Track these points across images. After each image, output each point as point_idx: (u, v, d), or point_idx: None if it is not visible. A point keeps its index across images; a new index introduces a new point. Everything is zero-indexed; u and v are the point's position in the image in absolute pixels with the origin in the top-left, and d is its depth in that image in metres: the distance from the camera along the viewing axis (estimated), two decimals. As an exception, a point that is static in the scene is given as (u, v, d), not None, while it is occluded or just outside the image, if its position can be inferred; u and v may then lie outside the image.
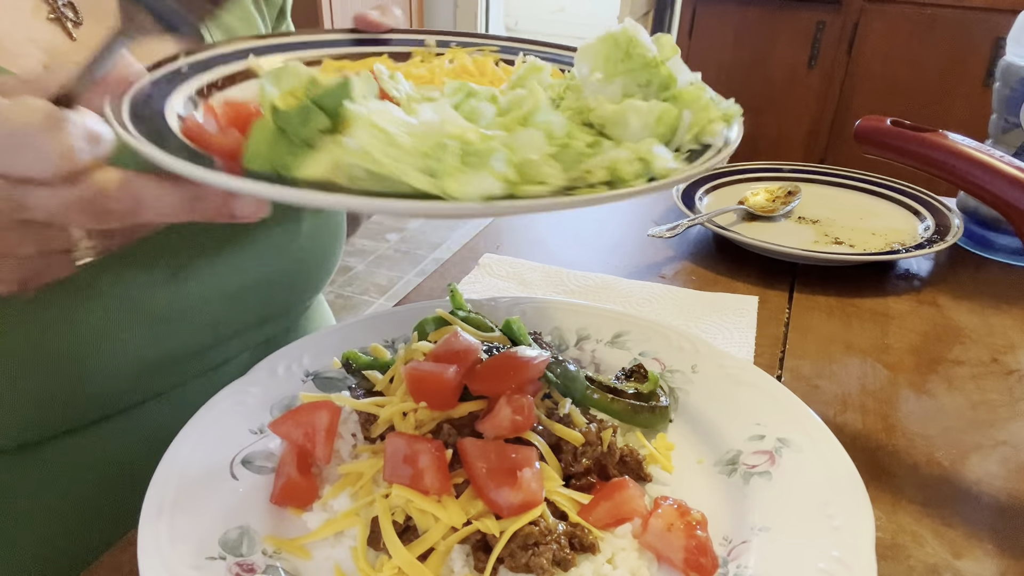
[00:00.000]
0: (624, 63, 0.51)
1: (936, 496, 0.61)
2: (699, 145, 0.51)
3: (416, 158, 0.43)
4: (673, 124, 0.49)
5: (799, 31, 3.13)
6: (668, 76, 0.51)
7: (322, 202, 0.43)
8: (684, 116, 0.50)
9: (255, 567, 0.49)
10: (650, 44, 0.52)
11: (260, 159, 0.46)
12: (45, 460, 0.67)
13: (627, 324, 0.74)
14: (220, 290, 0.72)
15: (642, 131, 0.49)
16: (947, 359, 0.80)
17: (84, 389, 0.65)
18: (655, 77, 0.51)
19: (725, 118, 0.52)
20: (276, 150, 0.46)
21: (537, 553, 0.49)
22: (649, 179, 0.46)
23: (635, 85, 0.52)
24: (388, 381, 0.63)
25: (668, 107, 0.49)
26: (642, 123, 0.49)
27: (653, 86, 0.51)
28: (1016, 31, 0.96)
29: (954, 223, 1.01)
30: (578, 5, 5.30)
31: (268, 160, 0.46)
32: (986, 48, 2.85)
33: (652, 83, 0.51)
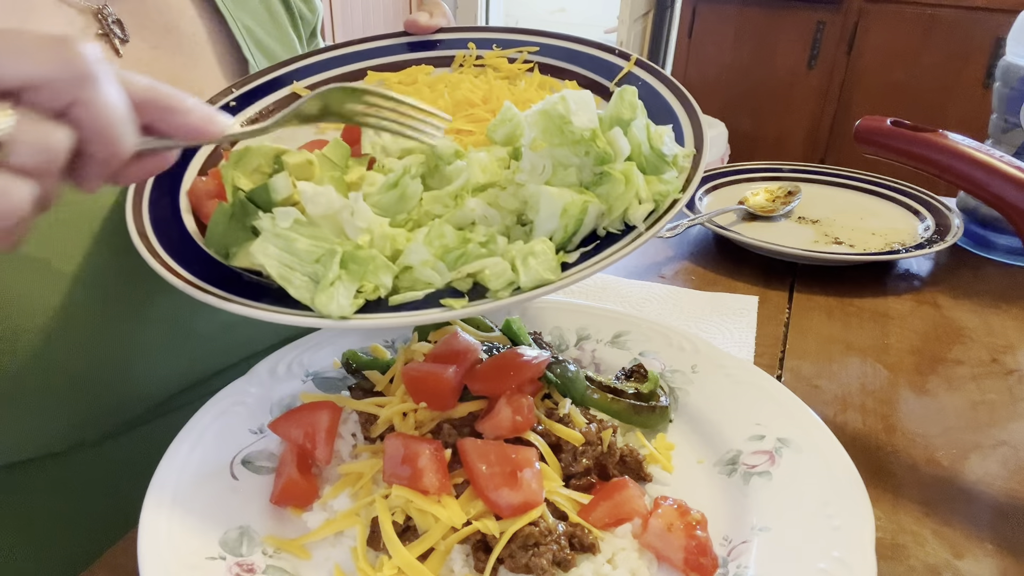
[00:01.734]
0: (558, 137, 0.51)
1: (936, 496, 0.61)
2: (621, 228, 0.51)
3: (307, 264, 0.49)
4: (579, 216, 0.50)
5: (799, 31, 3.13)
6: (605, 153, 0.51)
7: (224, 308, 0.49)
8: (590, 210, 0.50)
9: (255, 567, 0.49)
10: (587, 116, 0.51)
11: (215, 240, 0.53)
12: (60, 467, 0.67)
13: (627, 324, 0.74)
14: None
15: (549, 219, 0.50)
16: (947, 359, 0.80)
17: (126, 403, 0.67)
18: (592, 151, 0.51)
19: (658, 197, 0.51)
20: (229, 234, 0.53)
21: (537, 553, 0.49)
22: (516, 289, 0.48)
23: (573, 156, 0.51)
24: (388, 381, 0.63)
25: (575, 199, 0.50)
26: (550, 211, 0.50)
27: (590, 157, 0.51)
28: (1016, 31, 0.96)
29: (954, 223, 1.01)
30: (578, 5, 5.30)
31: (220, 241, 0.53)
32: (986, 48, 2.84)
33: (589, 155, 0.51)
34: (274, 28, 0.82)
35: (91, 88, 0.38)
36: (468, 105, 0.67)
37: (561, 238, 0.50)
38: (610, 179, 0.50)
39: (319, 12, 0.91)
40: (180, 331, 0.67)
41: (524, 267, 0.48)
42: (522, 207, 0.52)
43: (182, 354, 0.69)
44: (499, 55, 0.73)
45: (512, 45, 0.74)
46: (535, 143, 0.52)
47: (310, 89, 0.71)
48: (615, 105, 0.53)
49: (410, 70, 0.72)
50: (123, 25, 0.69)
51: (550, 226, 0.50)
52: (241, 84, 0.70)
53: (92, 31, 0.67)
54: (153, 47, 0.71)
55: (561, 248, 0.51)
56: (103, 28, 0.67)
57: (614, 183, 0.50)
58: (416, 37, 0.75)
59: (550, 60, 0.73)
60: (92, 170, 0.42)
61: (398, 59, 0.74)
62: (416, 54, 0.74)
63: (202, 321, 0.69)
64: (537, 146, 0.52)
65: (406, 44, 0.74)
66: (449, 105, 0.66)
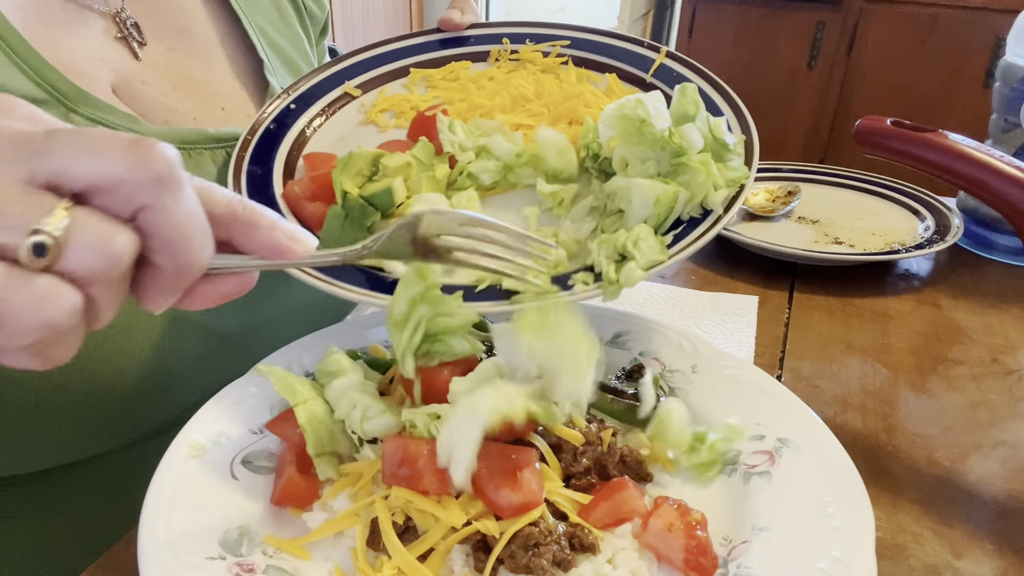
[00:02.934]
0: (637, 136, 0.57)
1: (936, 496, 0.61)
2: (700, 212, 0.57)
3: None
4: (670, 204, 0.56)
5: (799, 31, 3.13)
6: (678, 146, 0.56)
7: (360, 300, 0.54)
8: (680, 197, 0.56)
9: (255, 567, 0.49)
10: (662, 117, 0.57)
11: (332, 241, 0.57)
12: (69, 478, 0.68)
13: (627, 324, 0.74)
14: (278, 311, 0.74)
15: (643, 208, 0.56)
16: (947, 359, 0.80)
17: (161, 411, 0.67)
18: (666, 147, 0.57)
19: (730, 183, 0.57)
20: (344, 234, 0.56)
21: (537, 554, 0.49)
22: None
23: (650, 152, 0.57)
24: (388, 381, 0.63)
25: (667, 189, 0.55)
26: (643, 201, 0.56)
27: (666, 153, 0.57)
28: (1016, 31, 0.96)
29: (954, 223, 1.01)
30: (578, 5, 5.29)
31: (337, 242, 0.56)
32: (986, 48, 2.84)
33: (665, 150, 0.57)
34: (284, 27, 0.83)
35: (167, 192, 0.34)
36: (524, 100, 0.71)
37: (654, 224, 0.56)
38: (688, 169, 0.56)
39: (327, 10, 0.92)
40: (213, 336, 0.68)
41: (638, 251, 0.54)
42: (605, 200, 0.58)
43: (214, 359, 0.69)
44: (533, 49, 0.77)
45: (544, 39, 0.78)
46: (613, 142, 0.58)
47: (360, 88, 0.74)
48: (679, 102, 0.58)
49: (451, 66, 0.76)
50: (140, 29, 0.69)
51: (644, 214, 0.56)
52: (294, 87, 0.73)
53: (112, 34, 0.67)
54: (169, 49, 0.72)
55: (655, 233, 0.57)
56: (122, 31, 0.68)
57: (693, 173, 0.56)
58: (449, 34, 0.78)
59: (583, 53, 0.77)
60: (159, 285, 0.37)
61: (436, 55, 0.77)
62: (450, 50, 0.78)
63: (231, 325, 0.69)
64: (629, 142, 0.57)
65: (438, 41, 0.78)
66: (507, 102, 0.70)
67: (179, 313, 0.64)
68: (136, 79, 0.68)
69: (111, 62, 0.66)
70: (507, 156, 0.61)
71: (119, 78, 0.67)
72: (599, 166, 0.60)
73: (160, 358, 0.64)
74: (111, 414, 0.63)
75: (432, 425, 0.54)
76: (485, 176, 0.61)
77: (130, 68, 0.68)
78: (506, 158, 0.61)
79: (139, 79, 0.68)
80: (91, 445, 0.65)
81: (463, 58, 0.77)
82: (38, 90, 0.58)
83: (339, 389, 0.57)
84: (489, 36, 0.78)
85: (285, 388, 0.58)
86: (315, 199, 0.59)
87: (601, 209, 0.59)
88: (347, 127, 0.70)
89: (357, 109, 0.73)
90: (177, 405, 0.68)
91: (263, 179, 0.63)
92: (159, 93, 0.69)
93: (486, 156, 0.62)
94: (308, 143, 0.69)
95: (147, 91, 0.68)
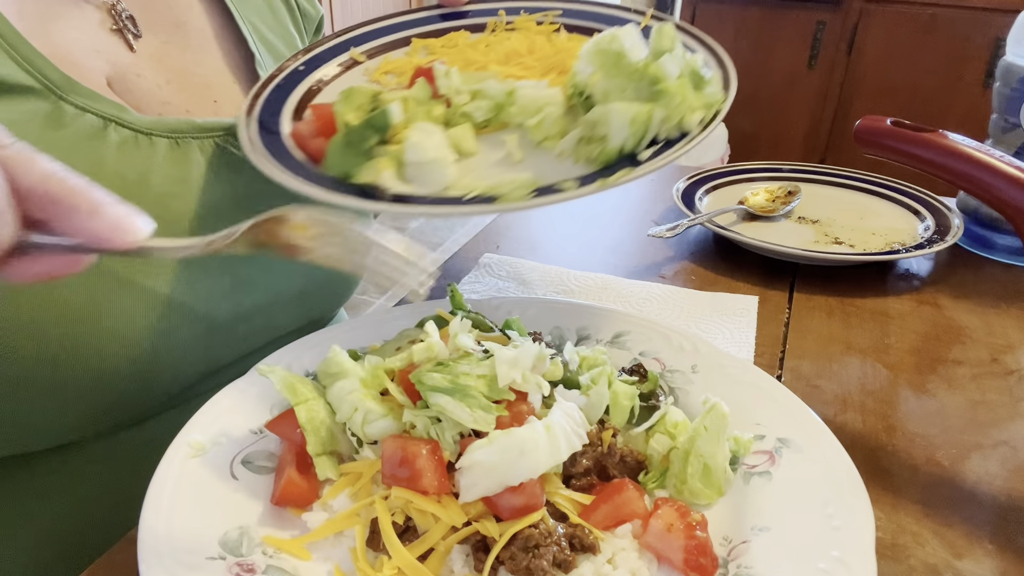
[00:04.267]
0: (615, 68, 0.60)
1: (936, 496, 0.61)
2: (678, 133, 0.60)
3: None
4: (646, 122, 0.58)
5: (799, 31, 3.14)
6: (655, 74, 0.59)
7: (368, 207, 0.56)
8: (656, 115, 0.58)
9: (255, 567, 0.49)
10: (638, 50, 0.61)
11: (334, 166, 0.60)
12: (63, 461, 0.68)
13: (627, 324, 0.74)
14: (268, 298, 0.74)
15: (621, 129, 0.58)
16: (947, 359, 0.80)
17: (139, 392, 0.67)
18: (644, 76, 0.59)
19: (707, 106, 0.60)
20: (346, 159, 0.60)
21: (538, 555, 0.49)
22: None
23: (628, 83, 0.60)
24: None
25: (642, 108, 0.58)
26: (621, 122, 0.58)
27: (644, 83, 0.59)
28: (1016, 31, 0.96)
29: (954, 223, 1.01)
30: (578, 5, 5.29)
31: (338, 167, 0.60)
32: (986, 48, 2.85)
33: (643, 80, 0.59)
34: (276, 24, 0.84)
35: None
36: (517, 55, 0.75)
37: (632, 144, 0.59)
38: (665, 94, 0.58)
39: (321, 12, 0.93)
40: (200, 321, 0.68)
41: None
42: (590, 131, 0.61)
43: (202, 345, 0.69)
44: (528, 19, 0.81)
45: (538, 11, 0.82)
46: (594, 77, 0.61)
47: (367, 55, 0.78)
48: (656, 39, 0.61)
49: (450, 35, 0.80)
50: (135, 21, 0.70)
51: (623, 135, 0.58)
52: (303, 52, 0.77)
53: (107, 26, 0.68)
54: (163, 42, 0.72)
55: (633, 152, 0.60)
56: (117, 23, 0.68)
57: (670, 97, 0.58)
58: (448, 9, 0.82)
59: (575, 21, 0.81)
60: None
61: (437, 27, 0.82)
62: (451, 23, 0.82)
63: (220, 310, 0.69)
64: (608, 75, 0.60)
65: (439, 15, 0.82)
66: (500, 56, 0.75)
67: (166, 298, 0.64)
68: (131, 71, 0.68)
69: (106, 54, 0.67)
70: (499, 95, 0.65)
71: (114, 70, 0.67)
72: (585, 103, 0.63)
73: (147, 342, 0.64)
74: (97, 397, 0.63)
75: (432, 427, 0.54)
76: (478, 113, 0.65)
77: (125, 60, 0.68)
78: (497, 97, 0.65)
79: (134, 71, 0.68)
80: (69, 429, 0.65)
81: (462, 29, 0.82)
82: (28, 78, 0.58)
83: (341, 392, 0.57)
84: (487, 10, 0.83)
85: (286, 388, 0.58)
86: (319, 135, 0.63)
87: (587, 140, 0.62)
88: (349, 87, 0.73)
89: (362, 73, 0.76)
90: (163, 391, 0.68)
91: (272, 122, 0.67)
92: (153, 86, 0.70)
93: (480, 98, 0.66)
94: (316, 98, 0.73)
95: (142, 84, 0.69)
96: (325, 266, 0.47)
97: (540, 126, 0.63)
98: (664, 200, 1.21)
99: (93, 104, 0.61)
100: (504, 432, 0.51)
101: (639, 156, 0.58)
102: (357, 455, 0.57)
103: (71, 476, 0.68)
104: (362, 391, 0.57)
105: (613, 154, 0.59)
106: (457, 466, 0.52)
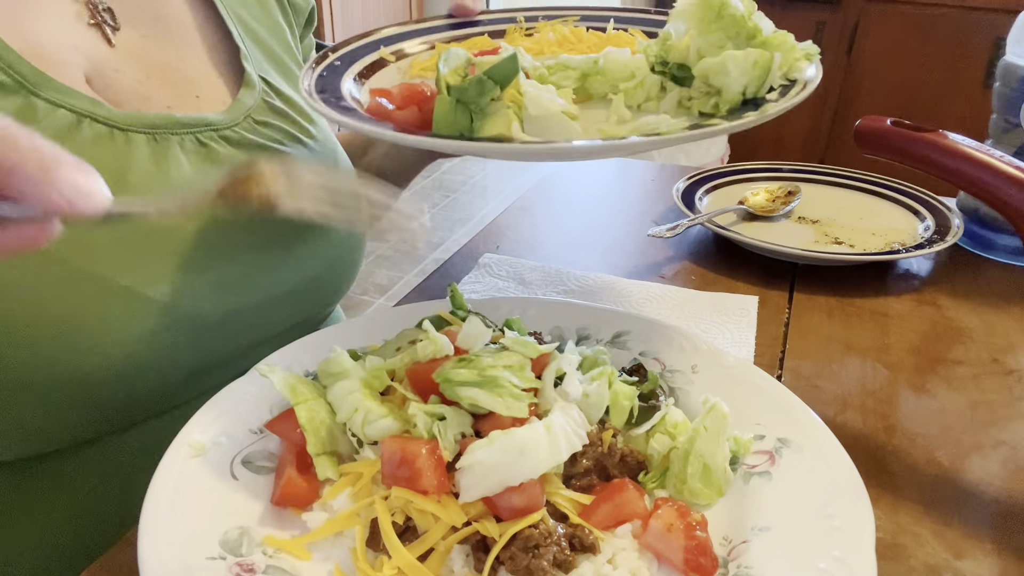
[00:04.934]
0: (716, 22, 0.60)
1: (936, 496, 0.61)
2: (788, 81, 0.59)
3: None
4: (767, 66, 0.58)
5: (799, 31, 3.13)
6: (754, 27, 0.59)
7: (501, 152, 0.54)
8: (775, 58, 0.58)
9: (255, 567, 0.49)
10: (738, 2, 0.60)
11: (447, 126, 0.57)
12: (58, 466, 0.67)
13: (627, 324, 0.74)
14: (258, 296, 0.73)
15: (741, 75, 0.58)
16: (947, 359, 0.80)
17: (126, 397, 0.66)
18: (743, 30, 0.59)
19: (807, 56, 0.60)
20: (458, 118, 0.57)
21: (538, 555, 0.49)
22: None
23: (726, 38, 0.60)
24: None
25: (761, 52, 0.58)
26: (740, 69, 0.57)
27: (742, 37, 0.59)
28: (1016, 31, 0.96)
29: (954, 223, 1.01)
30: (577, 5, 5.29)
31: (453, 126, 0.57)
32: (986, 48, 2.85)
33: (740, 35, 0.59)
34: (263, 15, 0.82)
35: None
36: (568, 42, 0.75)
37: (755, 89, 0.58)
38: (770, 45, 0.58)
39: (311, 2, 0.91)
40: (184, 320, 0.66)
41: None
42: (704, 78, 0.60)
43: (185, 343, 0.68)
44: (547, 25, 0.80)
45: (556, 18, 0.82)
46: (686, 38, 0.61)
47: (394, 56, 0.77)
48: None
49: (473, 40, 0.79)
50: (114, 14, 0.68)
51: (743, 81, 0.58)
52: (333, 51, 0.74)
53: (84, 20, 0.66)
54: (143, 36, 0.70)
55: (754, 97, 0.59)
56: (95, 17, 0.66)
57: (774, 47, 0.58)
58: (460, 19, 0.81)
59: (596, 24, 0.80)
60: None
61: (454, 35, 0.80)
62: (466, 30, 0.81)
63: (205, 306, 0.68)
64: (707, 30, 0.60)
65: (450, 25, 0.81)
66: (535, 44, 0.75)
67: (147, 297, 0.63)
68: (109, 67, 0.67)
69: (84, 49, 0.65)
70: (585, 65, 0.64)
71: (92, 66, 0.65)
72: (669, 71, 0.63)
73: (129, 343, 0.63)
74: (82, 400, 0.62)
75: (434, 425, 0.54)
76: (565, 82, 0.63)
77: (103, 56, 0.66)
78: (584, 66, 0.64)
79: (112, 67, 0.67)
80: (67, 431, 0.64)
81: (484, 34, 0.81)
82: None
83: (341, 392, 0.57)
84: (501, 19, 0.82)
85: (287, 388, 0.58)
86: (405, 105, 0.61)
87: (687, 99, 0.61)
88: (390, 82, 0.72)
89: (395, 71, 0.75)
90: (150, 393, 0.67)
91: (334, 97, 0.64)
92: (134, 81, 0.68)
93: (560, 70, 0.65)
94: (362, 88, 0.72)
95: (121, 79, 0.67)
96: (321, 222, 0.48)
97: (641, 87, 0.62)
98: (664, 200, 1.21)
99: (66, 99, 0.60)
100: (504, 432, 0.51)
101: (765, 99, 0.57)
102: (357, 455, 0.57)
103: (70, 478, 0.68)
104: (363, 391, 0.57)
105: (737, 100, 0.58)
106: (457, 466, 0.52)
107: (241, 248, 0.70)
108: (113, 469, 0.69)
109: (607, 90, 0.65)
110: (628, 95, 0.63)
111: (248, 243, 0.71)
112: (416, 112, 0.59)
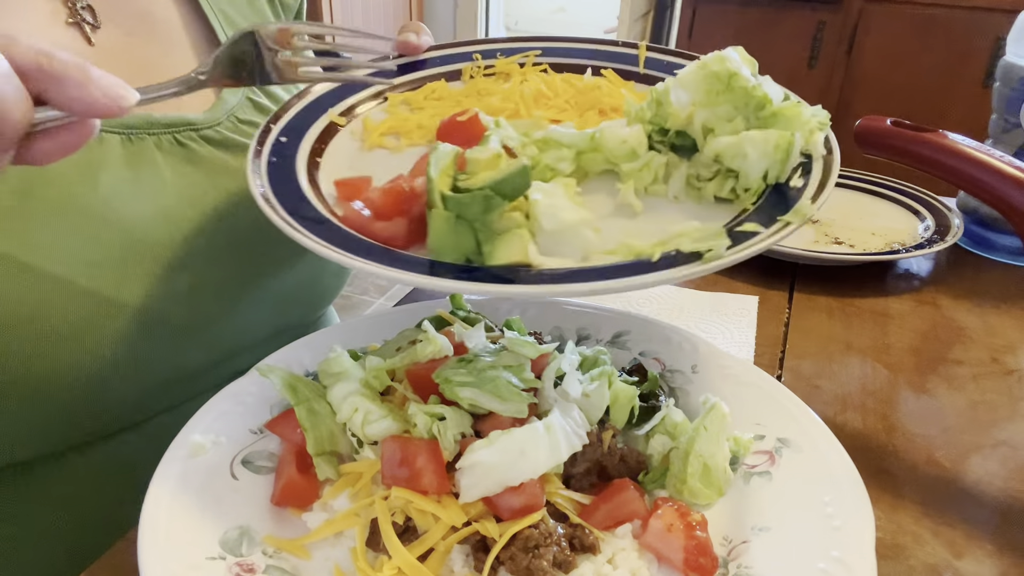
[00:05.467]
0: (725, 94, 0.55)
1: (936, 496, 0.61)
2: (804, 157, 0.54)
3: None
4: (788, 148, 0.52)
5: (799, 31, 3.13)
6: (763, 97, 0.54)
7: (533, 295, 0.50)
8: (796, 139, 0.52)
9: (255, 567, 0.49)
10: (746, 71, 0.55)
11: (448, 249, 0.49)
12: (51, 472, 0.67)
13: (627, 324, 0.74)
14: (237, 303, 0.72)
15: (761, 159, 0.52)
16: (947, 359, 0.80)
17: (105, 404, 0.65)
18: (752, 100, 0.54)
19: (820, 127, 0.55)
20: (461, 238, 0.49)
21: (538, 555, 0.49)
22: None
23: (734, 109, 0.55)
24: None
25: (781, 134, 0.52)
26: (760, 152, 0.52)
27: (751, 108, 0.54)
28: (1016, 31, 0.96)
29: (954, 223, 1.01)
30: (578, 5, 5.30)
31: (456, 249, 0.49)
32: (986, 48, 2.84)
33: (749, 105, 0.54)
34: (251, 13, 0.80)
35: None
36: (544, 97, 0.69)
37: (777, 173, 0.53)
38: (781, 118, 0.54)
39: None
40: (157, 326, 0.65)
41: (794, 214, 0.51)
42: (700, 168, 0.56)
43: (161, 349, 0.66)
44: (508, 62, 0.74)
45: (514, 52, 0.75)
46: (690, 108, 0.55)
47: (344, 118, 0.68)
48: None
49: (429, 86, 0.72)
50: (94, 12, 0.66)
51: (763, 165, 0.53)
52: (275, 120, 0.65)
53: (62, 18, 0.64)
54: (126, 34, 0.68)
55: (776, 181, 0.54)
56: (73, 15, 0.64)
57: (787, 120, 0.54)
58: (408, 59, 0.74)
59: (560, 60, 0.74)
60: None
61: (405, 79, 0.72)
62: (415, 74, 0.73)
63: (178, 313, 0.66)
64: (713, 102, 0.55)
65: (397, 67, 0.73)
66: (529, 100, 0.68)
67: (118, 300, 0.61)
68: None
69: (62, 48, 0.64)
70: (580, 142, 0.57)
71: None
72: (668, 140, 0.57)
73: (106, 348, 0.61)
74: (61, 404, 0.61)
75: (434, 425, 0.54)
76: (563, 165, 0.57)
77: (82, 55, 0.63)
78: (579, 144, 0.57)
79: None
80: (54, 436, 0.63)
81: (436, 78, 0.73)
82: None
83: (341, 392, 0.57)
84: (452, 55, 0.75)
85: (286, 387, 0.58)
86: (389, 216, 0.52)
87: (695, 177, 0.56)
88: (349, 155, 0.63)
89: (348, 137, 0.67)
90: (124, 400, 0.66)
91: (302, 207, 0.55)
92: None
93: (553, 147, 0.58)
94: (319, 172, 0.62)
95: None
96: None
97: (647, 169, 0.55)
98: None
99: None
100: (504, 432, 0.52)
101: (790, 184, 0.53)
102: (357, 455, 0.57)
103: (69, 479, 0.68)
104: (363, 392, 0.57)
105: (760, 187, 0.53)
106: (457, 466, 0.52)
107: (220, 252, 0.69)
108: (105, 473, 0.69)
109: (605, 166, 0.59)
110: (634, 178, 0.56)
111: (227, 247, 0.70)
112: (403, 225, 0.51)
